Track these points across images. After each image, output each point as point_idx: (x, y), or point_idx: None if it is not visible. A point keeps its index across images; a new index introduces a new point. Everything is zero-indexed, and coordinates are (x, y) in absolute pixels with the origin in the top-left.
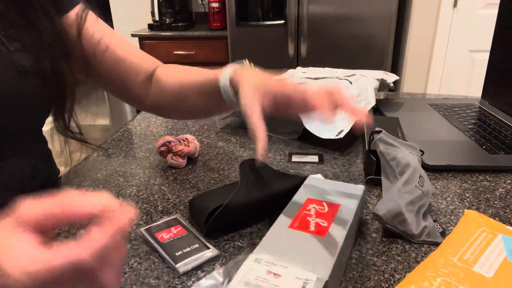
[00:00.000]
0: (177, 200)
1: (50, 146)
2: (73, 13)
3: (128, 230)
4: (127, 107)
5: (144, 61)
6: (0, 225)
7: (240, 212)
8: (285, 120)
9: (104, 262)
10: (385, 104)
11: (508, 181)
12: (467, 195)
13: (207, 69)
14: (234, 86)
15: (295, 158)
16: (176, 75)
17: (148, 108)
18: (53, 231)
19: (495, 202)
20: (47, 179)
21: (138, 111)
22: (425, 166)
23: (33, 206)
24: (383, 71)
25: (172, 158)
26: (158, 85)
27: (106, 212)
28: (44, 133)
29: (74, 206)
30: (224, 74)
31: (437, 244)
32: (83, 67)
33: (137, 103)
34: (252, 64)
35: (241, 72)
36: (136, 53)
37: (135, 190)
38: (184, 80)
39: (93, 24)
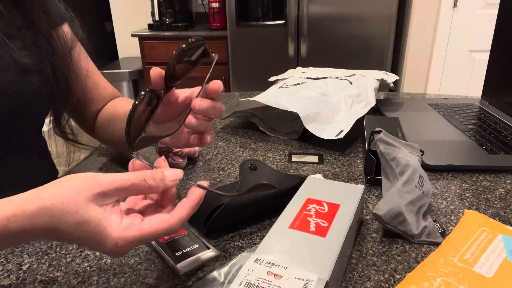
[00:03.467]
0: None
1: (48, 146)
2: (64, 28)
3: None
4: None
5: (109, 95)
6: (86, 196)
7: (240, 212)
8: (285, 120)
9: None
10: (385, 104)
11: (508, 181)
12: (467, 195)
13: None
14: None
15: (295, 158)
16: (115, 105)
17: (92, 133)
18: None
19: (495, 202)
20: (47, 179)
21: None
22: (425, 166)
23: (113, 178)
24: (383, 71)
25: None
26: (101, 114)
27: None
28: (43, 133)
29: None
30: None
31: (437, 244)
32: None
33: (86, 128)
34: None
35: None
36: (107, 87)
37: None
38: (118, 108)
39: (81, 51)
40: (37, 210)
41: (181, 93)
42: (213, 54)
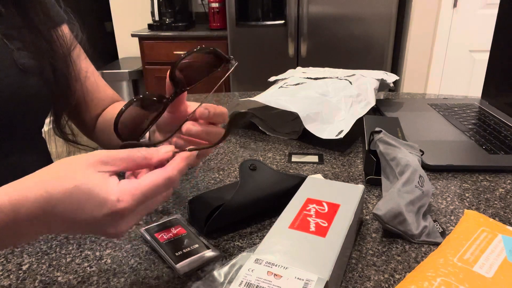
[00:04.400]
0: (177, 200)
1: (48, 146)
2: (63, 29)
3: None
4: None
5: (109, 98)
6: (85, 166)
7: (240, 212)
8: (285, 120)
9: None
10: (385, 104)
11: (508, 181)
12: (467, 195)
13: None
14: None
15: (295, 158)
16: (115, 109)
17: (91, 136)
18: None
19: (495, 202)
20: None
21: None
22: (425, 166)
23: (110, 153)
24: (383, 71)
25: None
26: (101, 118)
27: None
28: (43, 134)
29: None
30: None
31: (437, 244)
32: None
33: (86, 131)
34: None
35: None
36: (106, 89)
37: None
38: (112, 114)
39: (81, 52)
40: (32, 184)
41: (191, 106)
42: (232, 61)
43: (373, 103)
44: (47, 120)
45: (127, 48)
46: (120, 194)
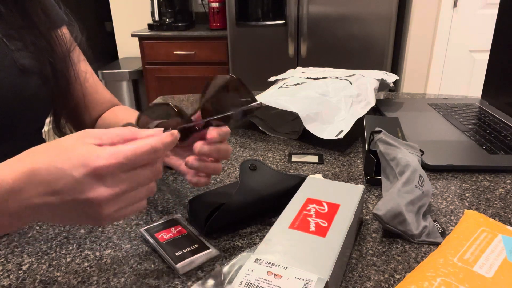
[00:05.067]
0: (177, 200)
1: None
2: (63, 30)
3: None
4: None
5: (107, 101)
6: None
7: (240, 212)
8: (285, 120)
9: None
10: (385, 104)
11: (508, 181)
12: (467, 195)
13: (133, 112)
14: None
15: (295, 158)
16: (116, 114)
17: None
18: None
19: (495, 202)
20: None
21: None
22: (425, 166)
23: (99, 130)
24: (383, 71)
25: None
26: (100, 121)
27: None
28: (43, 134)
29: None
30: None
31: (437, 244)
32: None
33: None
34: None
35: None
36: (104, 92)
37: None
38: (120, 119)
39: (80, 54)
40: (17, 160)
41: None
42: (258, 103)
43: (373, 103)
44: (47, 121)
45: (127, 48)
46: (100, 152)
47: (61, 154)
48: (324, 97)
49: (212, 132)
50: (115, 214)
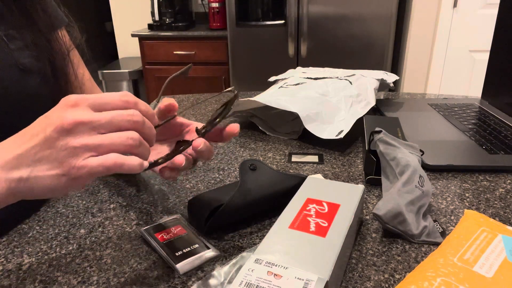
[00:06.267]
0: (177, 200)
1: None
2: (63, 31)
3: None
4: None
5: None
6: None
7: (240, 212)
8: (285, 120)
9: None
10: (385, 104)
11: (508, 181)
12: (467, 195)
13: None
14: None
15: (295, 158)
16: None
17: None
18: None
19: (495, 202)
20: None
21: None
22: (425, 166)
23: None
24: (383, 71)
25: None
26: None
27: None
28: None
29: None
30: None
31: (437, 244)
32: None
33: None
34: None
35: None
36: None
37: (135, 190)
38: None
39: (79, 57)
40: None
41: (183, 120)
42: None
43: (373, 103)
44: None
45: (127, 48)
46: (72, 95)
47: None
48: (324, 97)
49: (198, 141)
50: (89, 158)
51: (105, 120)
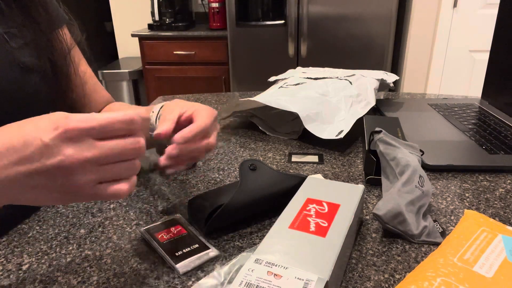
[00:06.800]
0: (177, 200)
1: None
2: (64, 30)
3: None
4: None
5: (104, 101)
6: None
7: (240, 212)
8: (285, 120)
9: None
10: (385, 104)
11: (508, 181)
12: (467, 195)
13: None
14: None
15: (295, 158)
16: (109, 110)
17: None
18: None
19: (495, 202)
20: None
21: None
22: (425, 166)
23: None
24: (383, 71)
25: None
26: None
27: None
28: None
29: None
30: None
31: (437, 244)
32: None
33: None
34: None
35: (171, 102)
36: (102, 92)
37: (135, 190)
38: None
39: (80, 55)
40: None
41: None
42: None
43: (373, 103)
44: None
45: (127, 48)
46: (72, 115)
47: (30, 122)
48: (324, 97)
49: (177, 137)
50: (93, 187)
51: (111, 155)
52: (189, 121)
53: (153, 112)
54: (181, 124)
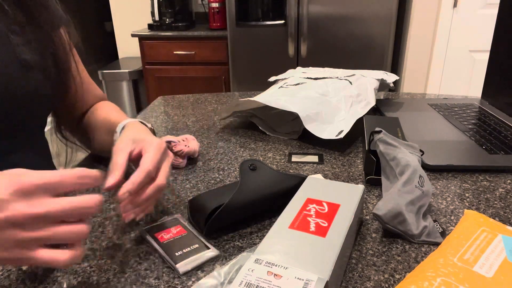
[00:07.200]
0: (177, 200)
1: (50, 146)
2: (64, 29)
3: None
4: (127, 108)
5: (97, 99)
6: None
7: (240, 212)
8: (285, 120)
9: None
10: (385, 104)
11: (508, 181)
12: (467, 195)
13: (122, 113)
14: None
15: (295, 158)
16: (101, 112)
17: (75, 134)
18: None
19: (495, 202)
20: None
21: (137, 112)
22: (425, 166)
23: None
24: (383, 71)
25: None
26: (87, 117)
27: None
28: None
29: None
30: (124, 121)
31: (437, 244)
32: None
33: (69, 127)
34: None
35: (131, 125)
36: (95, 91)
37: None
38: (104, 115)
39: (77, 55)
40: None
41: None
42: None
43: (373, 103)
44: (49, 120)
45: (127, 48)
46: (27, 172)
47: None
48: (324, 97)
49: (121, 192)
50: (34, 248)
51: (61, 213)
52: (140, 156)
53: (116, 132)
54: (133, 158)
